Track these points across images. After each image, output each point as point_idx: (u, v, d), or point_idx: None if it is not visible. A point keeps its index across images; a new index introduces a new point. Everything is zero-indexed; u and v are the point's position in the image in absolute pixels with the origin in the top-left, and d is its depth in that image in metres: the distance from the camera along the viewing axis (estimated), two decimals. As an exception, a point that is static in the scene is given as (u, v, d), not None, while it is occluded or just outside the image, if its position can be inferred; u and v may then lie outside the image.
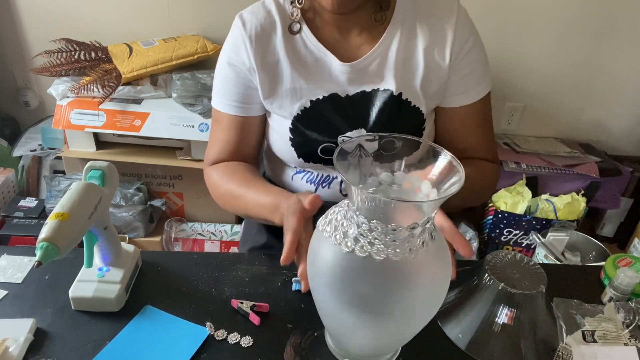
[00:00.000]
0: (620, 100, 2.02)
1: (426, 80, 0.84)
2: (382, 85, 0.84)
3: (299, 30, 0.84)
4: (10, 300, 0.74)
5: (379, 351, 0.66)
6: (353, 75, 0.84)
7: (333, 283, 0.57)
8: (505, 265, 0.73)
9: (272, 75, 0.85)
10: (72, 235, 0.63)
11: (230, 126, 0.90)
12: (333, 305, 0.58)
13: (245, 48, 0.84)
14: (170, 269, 0.82)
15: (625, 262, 0.85)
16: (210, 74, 1.65)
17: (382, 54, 0.83)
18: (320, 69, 0.84)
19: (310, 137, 0.86)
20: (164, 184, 1.81)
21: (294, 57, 0.84)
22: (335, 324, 0.62)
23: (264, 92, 0.86)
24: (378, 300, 0.56)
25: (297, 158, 0.89)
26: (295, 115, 0.85)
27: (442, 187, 0.56)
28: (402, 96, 0.84)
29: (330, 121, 0.85)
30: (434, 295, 0.58)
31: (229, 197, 0.88)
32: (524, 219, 1.80)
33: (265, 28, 0.84)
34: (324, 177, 0.92)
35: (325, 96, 0.84)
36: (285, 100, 0.85)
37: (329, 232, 0.57)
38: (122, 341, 0.69)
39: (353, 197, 0.54)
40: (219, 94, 0.89)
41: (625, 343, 0.73)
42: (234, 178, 0.87)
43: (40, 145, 1.90)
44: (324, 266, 0.57)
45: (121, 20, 1.86)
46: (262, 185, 0.83)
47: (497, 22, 1.86)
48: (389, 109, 0.84)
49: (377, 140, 0.60)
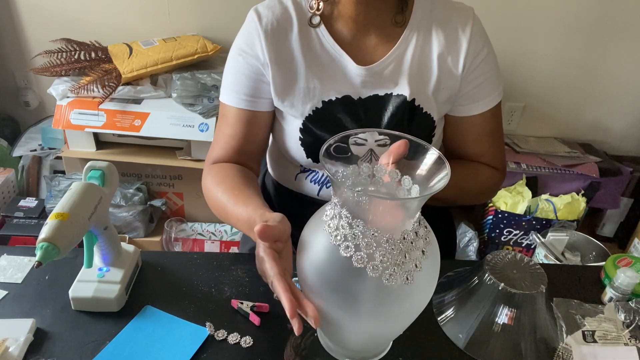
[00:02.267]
0: (620, 100, 2.02)
1: (438, 87, 0.84)
2: (396, 90, 0.83)
3: (319, 24, 0.82)
4: (10, 300, 0.74)
5: (370, 345, 0.66)
6: (368, 78, 0.83)
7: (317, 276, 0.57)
8: (505, 265, 0.73)
9: (285, 73, 0.83)
10: (72, 235, 0.63)
11: (237, 120, 0.87)
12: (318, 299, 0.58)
13: (259, 42, 0.82)
14: (170, 269, 0.82)
15: (625, 262, 0.85)
16: (211, 74, 1.65)
17: (398, 58, 0.83)
18: (335, 69, 0.83)
19: (321, 138, 0.85)
20: (164, 184, 1.81)
21: (310, 56, 0.83)
22: (323, 321, 0.62)
23: (276, 89, 0.84)
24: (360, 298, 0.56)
25: (306, 158, 0.88)
26: (306, 115, 0.84)
27: (428, 183, 0.56)
28: (415, 102, 0.83)
29: (342, 123, 0.84)
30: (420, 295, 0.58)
31: (215, 204, 0.83)
32: (524, 219, 1.80)
33: (281, 24, 0.82)
34: (328, 177, 0.92)
35: (339, 98, 0.83)
36: (298, 99, 0.84)
37: (331, 229, 0.56)
38: (122, 341, 0.69)
39: (339, 194, 0.55)
40: (228, 88, 0.87)
41: (625, 343, 0.73)
42: (222, 184, 0.82)
43: (40, 145, 1.90)
44: (313, 256, 0.57)
45: (121, 20, 1.86)
46: (243, 197, 0.77)
47: (497, 22, 1.86)
48: (400, 114, 0.83)
49: (388, 145, 0.60)
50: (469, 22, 0.82)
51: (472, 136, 0.90)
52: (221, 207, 0.80)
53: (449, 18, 0.83)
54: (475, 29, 0.82)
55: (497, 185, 0.95)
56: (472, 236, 1.84)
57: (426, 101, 0.84)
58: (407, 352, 0.69)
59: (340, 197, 0.55)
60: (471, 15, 0.83)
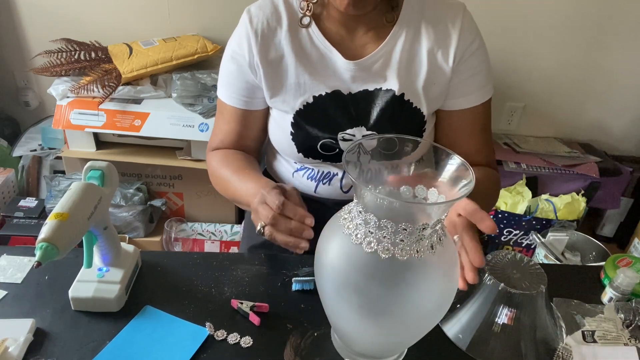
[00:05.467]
0: (620, 100, 2.02)
1: (429, 83, 0.85)
2: (385, 85, 0.84)
3: (309, 24, 0.84)
4: (10, 300, 0.74)
5: (382, 352, 0.66)
6: (357, 73, 0.84)
7: (338, 277, 0.57)
8: (505, 265, 0.73)
9: (276, 71, 0.85)
10: (72, 235, 0.63)
11: (232, 118, 0.92)
12: (336, 301, 0.59)
13: (249, 44, 0.84)
14: (170, 269, 0.82)
15: (625, 262, 0.85)
16: (211, 74, 1.65)
17: (387, 53, 0.84)
18: (324, 65, 0.85)
19: (311, 133, 0.87)
20: (164, 184, 1.81)
21: (300, 52, 0.84)
22: (340, 322, 0.62)
23: (268, 88, 0.86)
24: (380, 299, 0.56)
25: (297, 153, 0.90)
26: (297, 110, 0.86)
27: (452, 191, 0.56)
28: (404, 97, 0.84)
29: (332, 118, 0.86)
30: (438, 299, 0.58)
31: (222, 181, 0.90)
32: (524, 219, 1.80)
33: (271, 23, 0.84)
34: (324, 173, 0.92)
35: (328, 92, 0.85)
36: (289, 95, 0.86)
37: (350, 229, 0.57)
38: (122, 341, 0.69)
39: (362, 197, 0.55)
40: (223, 86, 0.91)
41: (625, 343, 0.73)
42: (230, 164, 0.89)
43: (40, 145, 1.90)
44: (333, 259, 0.58)
45: (121, 20, 1.86)
46: (253, 174, 0.84)
47: (497, 22, 1.86)
48: (390, 109, 0.84)
49: (376, 138, 0.61)
50: (459, 17, 0.83)
51: (465, 132, 0.91)
52: (229, 182, 0.87)
53: (439, 14, 0.84)
54: (466, 22, 0.83)
55: (500, 185, 0.97)
56: (472, 236, 1.84)
57: (415, 96, 0.85)
58: (406, 352, 0.69)
59: (361, 199, 0.56)
60: (461, 10, 0.84)
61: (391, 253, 0.54)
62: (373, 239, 0.54)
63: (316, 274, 0.62)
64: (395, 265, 0.54)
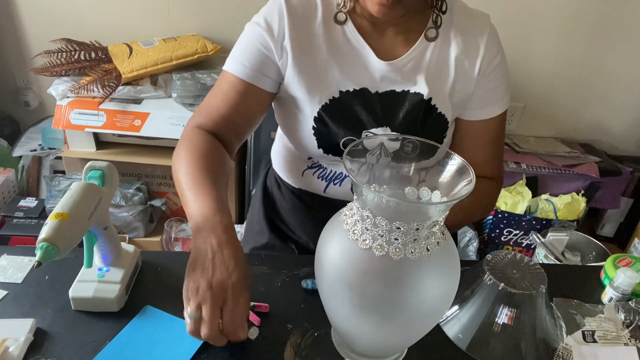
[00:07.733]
0: (620, 100, 2.02)
1: (454, 89, 0.85)
2: (414, 88, 0.84)
3: (345, 21, 0.83)
4: (10, 300, 0.74)
5: (381, 351, 0.66)
6: (389, 74, 0.84)
7: (335, 272, 0.57)
8: (505, 265, 0.73)
9: (306, 59, 0.83)
10: (72, 235, 0.63)
11: (233, 89, 0.83)
12: (333, 296, 0.59)
13: (281, 21, 0.81)
14: (170, 269, 0.82)
15: (625, 262, 0.85)
16: (211, 74, 1.65)
17: (418, 56, 0.84)
18: (355, 61, 0.84)
19: (334, 129, 0.85)
20: (164, 184, 1.81)
21: (332, 45, 0.83)
22: (338, 319, 0.62)
23: (293, 75, 0.83)
24: (375, 296, 0.56)
25: (317, 148, 0.87)
26: (323, 104, 0.84)
27: (450, 193, 0.57)
28: (432, 102, 0.85)
29: (357, 115, 0.85)
30: (434, 301, 0.58)
31: (177, 185, 0.77)
32: (524, 219, 1.80)
33: (306, 11, 0.83)
34: (336, 174, 0.92)
35: (356, 89, 0.84)
36: (314, 87, 0.83)
37: (349, 225, 0.57)
38: (122, 341, 0.69)
39: (359, 194, 0.55)
40: (234, 58, 0.84)
41: (625, 343, 0.73)
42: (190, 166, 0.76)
43: (40, 145, 1.90)
44: (330, 253, 0.58)
45: (121, 20, 1.86)
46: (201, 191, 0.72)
47: (497, 22, 1.85)
48: (416, 112, 0.84)
49: (399, 140, 0.62)
50: (486, 29, 0.85)
51: (477, 142, 0.91)
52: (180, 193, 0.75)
53: (466, 24, 0.85)
54: (492, 35, 0.86)
55: (497, 195, 0.97)
56: (472, 236, 1.84)
57: (442, 102, 0.85)
58: (407, 352, 0.69)
59: (360, 196, 0.56)
60: (488, 23, 0.86)
61: (385, 251, 0.54)
62: (368, 236, 0.55)
63: (316, 268, 0.62)
64: (390, 263, 0.54)
